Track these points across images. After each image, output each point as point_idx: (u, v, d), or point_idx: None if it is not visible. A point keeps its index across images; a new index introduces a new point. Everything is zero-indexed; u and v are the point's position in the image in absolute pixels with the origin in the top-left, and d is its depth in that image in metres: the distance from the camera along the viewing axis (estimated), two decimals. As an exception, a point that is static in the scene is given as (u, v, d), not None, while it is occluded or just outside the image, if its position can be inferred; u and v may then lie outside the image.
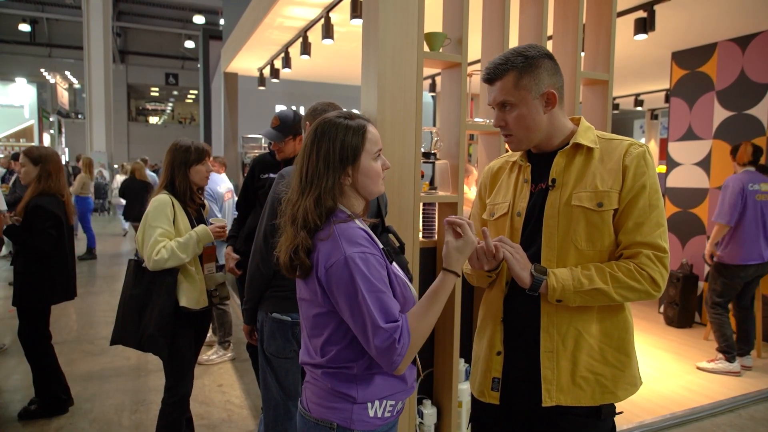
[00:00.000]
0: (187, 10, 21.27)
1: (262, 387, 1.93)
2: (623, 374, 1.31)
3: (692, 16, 4.14)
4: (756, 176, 3.79)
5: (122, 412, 3.08)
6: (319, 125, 1.22)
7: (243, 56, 5.76)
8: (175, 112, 29.42)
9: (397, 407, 1.25)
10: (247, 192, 2.71)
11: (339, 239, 1.14)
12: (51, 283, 2.89)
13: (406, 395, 1.27)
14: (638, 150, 1.28)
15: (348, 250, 1.12)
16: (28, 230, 2.79)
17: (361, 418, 1.19)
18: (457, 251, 1.20)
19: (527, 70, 1.27)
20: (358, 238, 1.16)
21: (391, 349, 1.11)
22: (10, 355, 4.02)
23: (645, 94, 7.57)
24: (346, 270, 1.11)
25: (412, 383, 1.29)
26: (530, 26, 2.66)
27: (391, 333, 1.11)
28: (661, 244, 1.24)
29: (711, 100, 4.86)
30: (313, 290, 1.19)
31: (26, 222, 2.80)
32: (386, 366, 1.14)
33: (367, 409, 1.20)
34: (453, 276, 1.20)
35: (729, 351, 3.72)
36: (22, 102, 18.29)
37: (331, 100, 2.03)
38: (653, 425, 2.94)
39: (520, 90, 1.28)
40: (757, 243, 3.72)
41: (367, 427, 1.20)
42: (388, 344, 1.11)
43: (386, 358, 1.12)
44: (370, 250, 1.16)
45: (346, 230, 1.16)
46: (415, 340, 1.15)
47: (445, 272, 1.20)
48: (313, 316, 1.21)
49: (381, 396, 1.21)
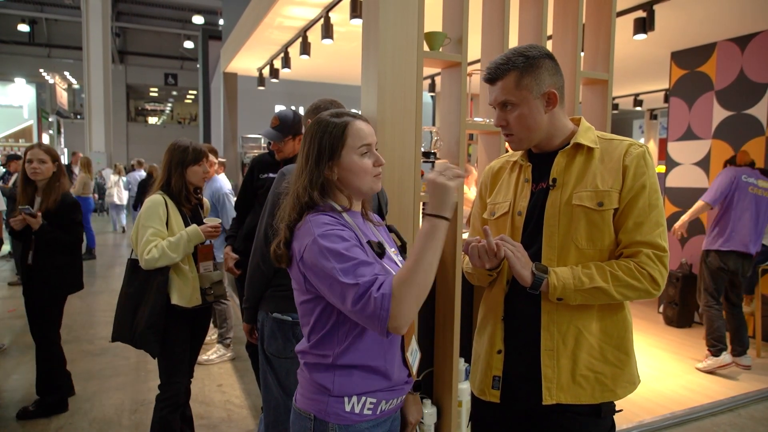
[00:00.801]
0: (186, 10, 21.28)
1: (263, 387, 1.92)
2: (623, 372, 1.31)
3: (691, 16, 4.14)
4: (753, 172, 3.84)
5: (122, 412, 3.08)
6: (311, 124, 1.26)
7: (242, 56, 5.76)
8: (174, 113, 29.41)
9: (380, 406, 1.21)
10: (246, 192, 2.71)
11: (310, 225, 1.17)
12: (75, 272, 3.02)
13: (391, 395, 1.23)
14: (638, 150, 1.29)
15: (317, 231, 1.14)
16: (59, 226, 2.85)
17: (336, 411, 1.18)
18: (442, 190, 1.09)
19: (528, 70, 1.28)
20: (325, 220, 1.17)
21: (369, 301, 1.03)
22: (10, 356, 4.02)
23: (644, 94, 7.58)
24: (315, 247, 1.12)
25: (400, 383, 1.24)
26: (530, 26, 2.67)
27: (366, 286, 1.04)
28: (661, 243, 1.25)
29: (710, 100, 4.87)
30: (297, 279, 1.22)
31: (59, 217, 2.86)
32: (373, 326, 1.05)
33: (344, 404, 1.18)
34: (440, 221, 1.08)
35: (715, 344, 3.73)
36: (21, 102, 18.28)
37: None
38: (653, 425, 2.94)
39: (521, 90, 1.29)
40: (744, 232, 3.74)
41: (342, 422, 1.18)
42: (365, 299, 1.04)
43: (370, 315, 1.04)
44: (338, 228, 1.16)
45: (315, 218, 1.18)
46: (402, 287, 1.04)
47: (429, 218, 1.09)
48: (300, 303, 1.24)
49: (358, 391, 1.19)
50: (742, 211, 3.74)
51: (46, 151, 2.88)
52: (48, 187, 2.87)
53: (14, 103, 18.21)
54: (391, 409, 1.25)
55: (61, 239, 2.86)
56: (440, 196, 1.10)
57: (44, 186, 2.88)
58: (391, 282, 1.05)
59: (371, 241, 1.22)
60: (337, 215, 1.21)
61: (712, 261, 3.83)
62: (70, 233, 2.89)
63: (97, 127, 16.29)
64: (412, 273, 1.05)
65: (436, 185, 1.11)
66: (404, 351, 1.25)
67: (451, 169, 1.13)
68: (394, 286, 1.04)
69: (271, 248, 1.24)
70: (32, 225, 2.76)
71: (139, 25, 23.08)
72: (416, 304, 1.06)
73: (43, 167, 2.84)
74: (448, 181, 1.10)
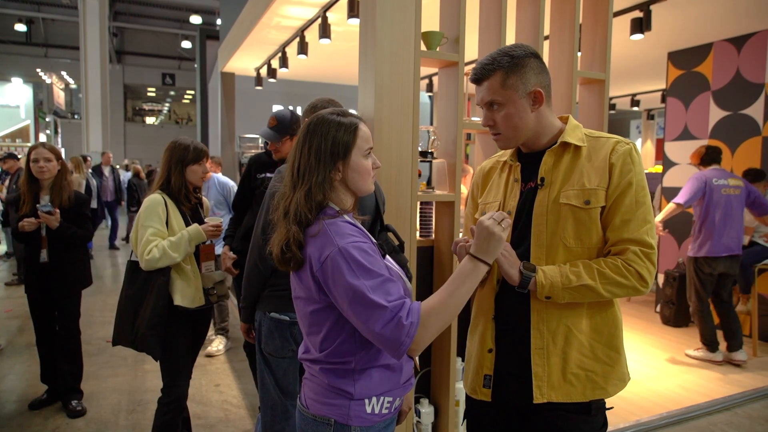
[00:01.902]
0: (183, 10, 21.24)
1: (260, 387, 1.92)
2: (613, 370, 1.32)
3: (688, 16, 4.15)
4: (721, 173, 3.95)
5: (119, 413, 3.07)
6: (312, 121, 1.24)
7: (240, 56, 5.76)
8: (171, 113, 29.34)
9: (395, 404, 1.25)
10: (243, 191, 2.71)
11: (330, 233, 1.14)
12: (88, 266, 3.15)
13: (404, 391, 1.27)
14: (624, 147, 1.29)
15: (340, 242, 1.12)
16: (72, 222, 2.92)
17: (358, 414, 1.19)
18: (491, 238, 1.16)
19: (513, 70, 1.29)
20: (348, 230, 1.16)
21: (398, 327, 1.05)
22: (6, 356, 4.01)
23: (641, 94, 7.60)
24: (341, 260, 1.11)
25: (408, 377, 1.28)
26: (527, 25, 2.67)
27: (395, 311, 1.06)
28: (648, 240, 1.25)
29: (707, 100, 4.88)
30: (307, 287, 1.18)
31: (72, 213, 2.93)
32: (393, 350, 1.07)
33: (365, 405, 1.19)
34: (482, 264, 1.16)
35: (710, 343, 3.90)
36: (18, 102, 18.22)
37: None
38: (650, 424, 2.95)
39: (507, 89, 1.29)
40: (726, 236, 3.84)
41: (364, 423, 1.20)
42: (394, 323, 1.05)
43: (393, 340, 1.06)
44: (362, 239, 1.16)
45: (334, 225, 1.16)
46: (430, 318, 1.09)
47: (472, 259, 1.17)
48: (310, 313, 1.21)
49: (378, 392, 1.21)
50: (722, 216, 3.85)
51: (50, 150, 2.92)
52: (56, 185, 2.91)
53: (11, 103, 18.15)
54: (399, 405, 1.29)
55: (79, 234, 2.95)
56: (490, 242, 1.18)
57: (51, 184, 2.91)
58: (418, 309, 1.09)
59: (378, 244, 1.24)
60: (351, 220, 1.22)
61: (700, 267, 3.92)
62: (84, 228, 2.98)
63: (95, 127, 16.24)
64: (444, 306, 1.11)
65: (489, 233, 1.18)
66: None
67: (507, 219, 1.21)
68: (423, 316, 1.09)
69: (276, 248, 1.19)
70: (50, 223, 2.82)
71: (137, 24, 23.02)
72: (437, 334, 1.12)
73: (49, 165, 2.88)
74: (502, 231, 1.18)
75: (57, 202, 2.88)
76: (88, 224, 3.04)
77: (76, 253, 3.01)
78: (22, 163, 6.26)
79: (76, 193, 3.00)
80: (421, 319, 1.08)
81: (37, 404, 3.09)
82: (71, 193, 2.95)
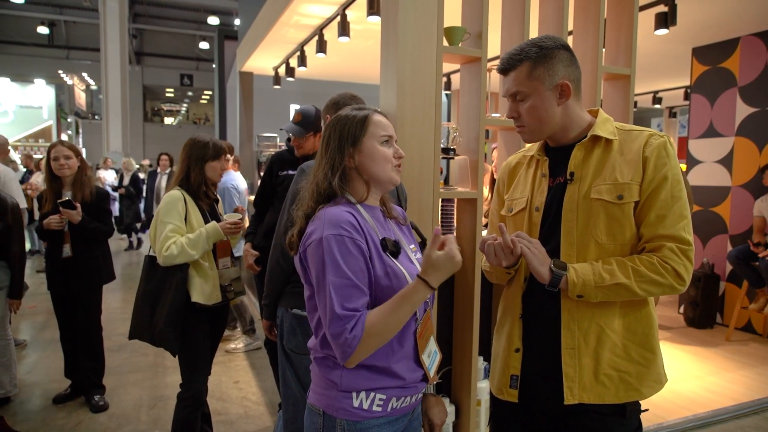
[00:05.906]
0: (201, 11, 21.45)
1: (282, 383, 1.91)
2: (648, 371, 1.27)
3: (714, 11, 4.06)
4: None
5: (140, 408, 3.10)
6: (331, 120, 1.27)
7: (258, 55, 5.79)
8: (189, 113, 29.69)
9: (390, 404, 1.19)
10: (265, 189, 2.71)
11: (322, 220, 1.15)
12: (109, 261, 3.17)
13: (402, 393, 1.20)
14: (659, 140, 1.24)
15: (326, 231, 1.12)
16: (94, 217, 2.97)
17: (343, 406, 1.16)
18: (435, 263, 1.12)
19: (541, 61, 1.26)
20: (342, 221, 1.14)
21: (341, 337, 1.08)
22: (31, 351, 4.08)
23: (663, 91, 7.46)
24: (318, 249, 1.12)
25: (412, 382, 1.21)
26: (550, 21, 2.63)
27: (344, 321, 1.08)
28: (685, 236, 1.20)
29: (733, 97, 4.77)
30: (299, 270, 1.23)
31: (94, 208, 2.98)
32: (338, 356, 1.12)
33: (352, 399, 1.16)
34: (424, 286, 1.12)
35: None
36: (40, 103, 18.61)
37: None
38: (676, 426, 2.88)
39: (533, 80, 1.26)
40: None
41: (350, 417, 1.16)
42: (338, 332, 1.08)
43: (336, 347, 1.10)
44: (351, 234, 1.13)
45: (331, 212, 1.16)
46: (370, 337, 1.09)
47: (419, 280, 1.13)
48: (308, 299, 1.22)
49: (366, 387, 1.16)
50: None
51: (69, 147, 2.98)
52: (77, 181, 2.97)
53: (34, 104, 18.55)
54: (403, 408, 1.22)
55: (101, 229, 2.99)
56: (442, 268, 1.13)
57: (72, 180, 2.96)
58: (364, 324, 1.09)
59: (387, 239, 1.20)
60: (353, 209, 1.19)
61: None
62: (106, 223, 3.03)
63: (114, 128, 16.49)
64: (385, 325, 1.11)
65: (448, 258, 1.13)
66: (418, 353, 1.22)
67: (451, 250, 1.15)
68: (366, 333, 1.09)
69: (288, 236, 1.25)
70: (73, 219, 2.86)
71: (156, 26, 23.33)
72: (376, 348, 1.13)
73: (70, 162, 2.94)
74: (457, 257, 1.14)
75: (78, 197, 2.92)
76: (109, 219, 3.10)
77: (97, 248, 3.05)
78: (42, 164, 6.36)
79: (96, 188, 3.05)
80: (364, 337, 1.09)
81: (60, 399, 3.13)
82: (92, 188, 3.00)
